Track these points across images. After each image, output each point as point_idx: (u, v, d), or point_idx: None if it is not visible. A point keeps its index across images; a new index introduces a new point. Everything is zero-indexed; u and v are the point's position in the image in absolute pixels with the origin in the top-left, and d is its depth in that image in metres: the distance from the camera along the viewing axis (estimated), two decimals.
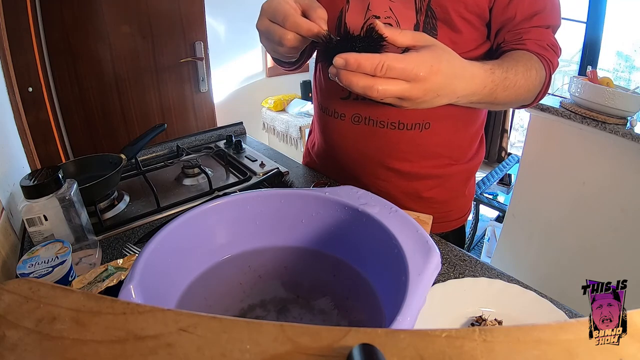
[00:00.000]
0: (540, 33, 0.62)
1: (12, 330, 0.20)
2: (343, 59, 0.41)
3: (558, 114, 1.45)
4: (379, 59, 0.41)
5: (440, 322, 0.49)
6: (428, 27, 0.63)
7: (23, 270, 0.48)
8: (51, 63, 1.65)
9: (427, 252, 0.34)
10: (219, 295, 0.41)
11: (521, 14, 0.61)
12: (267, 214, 0.45)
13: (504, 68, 0.54)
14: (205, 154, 1.01)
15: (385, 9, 0.63)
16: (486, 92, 0.52)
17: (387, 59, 0.41)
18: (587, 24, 2.28)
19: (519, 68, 0.56)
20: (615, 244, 1.42)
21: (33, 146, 1.04)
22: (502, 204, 2.15)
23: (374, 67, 0.41)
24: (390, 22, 0.63)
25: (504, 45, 0.64)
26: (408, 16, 0.62)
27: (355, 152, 0.75)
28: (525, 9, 0.61)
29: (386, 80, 0.42)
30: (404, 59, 0.42)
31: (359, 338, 0.20)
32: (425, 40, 0.45)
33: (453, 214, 0.80)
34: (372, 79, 0.42)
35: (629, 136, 1.28)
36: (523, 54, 0.60)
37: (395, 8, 0.62)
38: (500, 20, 0.63)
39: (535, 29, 0.62)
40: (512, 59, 0.58)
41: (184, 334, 0.21)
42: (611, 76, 1.67)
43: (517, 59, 0.58)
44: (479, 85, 0.51)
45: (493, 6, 0.62)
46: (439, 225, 0.78)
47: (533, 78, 0.58)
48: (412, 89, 0.44)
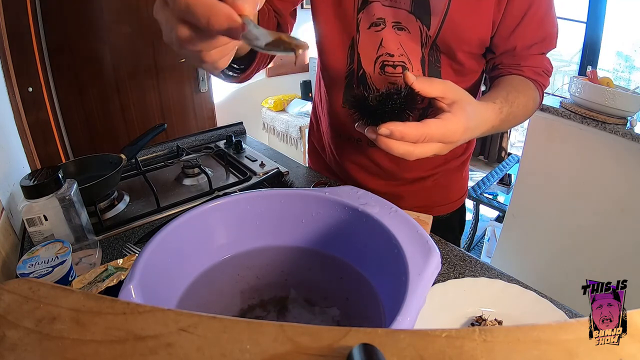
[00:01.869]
0: (537, 60, 0.65)
1: (12, 330, 0.20)
2: (389, 130, 0.43)
3: (558, 114, 1.45)
4: (422, 131, 0.43)
5: (440, 322, 0.49)
6: (432, 60, 0.65)
7: (23, 270, 0.48)
8: (51, 63, 1.64)
9: (427, 252, 0.34)
10: (219, 295, 0.41)
11: (522, 44, 0.63)
12: (267, 214, 0.45)
13: (509, 103, 0.56)
14: (205, 154, 1.01)
15: (397, 45, 0.65)
16: (493, 130, 0.56)
17: (429, 129, 0.43)
18: (587, 24, 2.28)
19: (521, 100, 0.59)
20: (615, 244, 1.42)
21: (33, 146, 1.04)
22: (502, 204, 2.15)
23: (417, 138, 0.43)
24: (403, 60, 0.65)
25: (502, 67, 0.66)
26: (415, 50, 0.65)
27: (369, 165, 0.79)
28: (527, 40, 0.63)
29: (423, 145, 0.45)
30: (444, 126, 0.44)
31: (359, 338, 0.20)
32: (453, 92, 0.47)
33: (452, 195, 0.84)
34: (412, 145, 0.44)
35: (629, 136, 1.28)
36: (522, 82, 0.63)
37: (404, 42, 0.64)
38: (501, 48, 0.65)
39: (534, 56, 0.64)
40: (514, 89, 0.60)
41: (184, 334, 0.21)
42: (611, 76, 1.67)
43: (519, 90, 0.61)
44: (490, 127, 0.54)
45: (495, 35, 0.63)
46: (442, 208, 0.83)
47: (530, 108, 0.63)
48: (444, 148, 0.47)
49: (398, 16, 0.63)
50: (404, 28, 0.63)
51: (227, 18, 0.28)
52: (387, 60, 0.65)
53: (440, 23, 0.61)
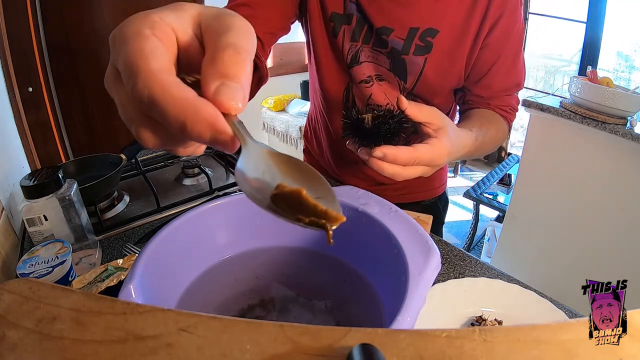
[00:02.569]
0: (505, 100, 0.70)
1: (12, 330, 0.20)
2: (382, 153, 0.45)
3: (558, 114, 1.45)
4: (413, 155, 0.46)
5: (440, 322, 0.49)
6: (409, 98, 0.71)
7: (23, 270, 0.48)
8: (51, 63, 1.65)
9: (427, 252, 0.34)
10: (219, 295, 0.41)
11: (488, 93, 0.69)
12: (267, 214, 0.44)
13: (482, 133, 0.61)
14: (205, 154, 1.01)
15: (383, 96, 0.71)
16: (467, 155, 0.60)
17: (419, 153, 0.46)
18: (587, 24, 2.28)
19: (492, 132, 0.65)
20: (615, 244, 1.42)
21: (33, 146, 1.04)
22: (502, 204, 2.15)
23: (408, 161, 0.46)
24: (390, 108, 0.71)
25: (472, 102, 0.71)
26: (393, 95, 0.71)
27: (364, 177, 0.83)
28: (494, 88, 0.69)
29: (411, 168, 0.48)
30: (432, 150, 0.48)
31: (359, 338, 0.20)
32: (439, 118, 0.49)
33: (435, 182, 0.89)
34: (402, 167, 0.47)
35: (629, 136, 1.28)
36: (494, 116, 0.69)
37: (387, 91, 0.71)
38: (470, 92, 0.71)
39: (502, 97, 0.70)
40: (487, 121, 0.66)
41: (184, 334, 0.21)
42: (611, 76, 1.67)
43: (491, 122, 0.67)
44: (466, 152, 0.58)
45: (465, 80, 0.69)
46: (426, 194, 0.88)
47: (499, 140, 0.69)
48: (428, 171, 0.50)
49: (379, 70, 0.70)
50: (385, 79, 0.71)
51: (210, 126, 0.19)
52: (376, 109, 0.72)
53: (415, 80, 0.68)
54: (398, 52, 0.66)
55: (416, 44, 0.64)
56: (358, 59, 0.69)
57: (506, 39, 0.64)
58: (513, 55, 0.66)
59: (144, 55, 0.20)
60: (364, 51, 0.68)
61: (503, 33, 0.63)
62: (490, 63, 0.66)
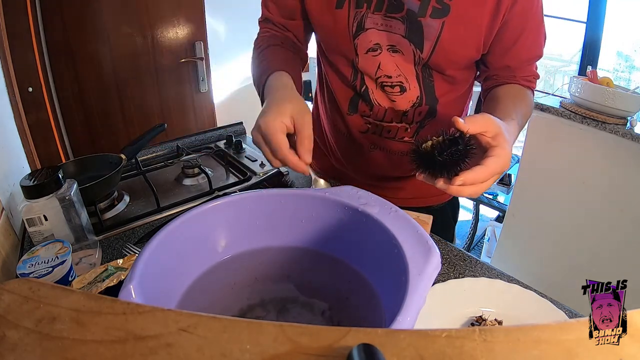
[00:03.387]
0: (529, 69, 0.69)
1: (12, 330, 0.20)
2: (462, 180, 0.47)
3: (558, 114, 1.45)
4: (488, 172, 0.47)
5: (440, 322, 0.49)
6: (425, 75, 0.69)
7: (23, 270, 0.48)
8: (51, 63, 1.64)
9: (427, 252, 0.34)
10: (219, 295, 0.41)
11: (516, 62, 0.68)
12: (267, 214, 0.45)
13: (520, 116, 0.61)
14: (205, 154, 1.01)
15: (394, 67, 0.69)
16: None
17: (492, 169, 0.47)
18: (587, 24, 2.28)
19: (525, 110, 0.65)
20: (615, 244, 1.42)
21: (33, 146, 1.04)
22: (502, 204, 2.15)
23: (485, 179, 0.48)
24: (400, 80, 0.69)
25: (497, 78, 0.70)
26: (409, 69, 0.69)
27: (366, 168, 0.82)
28: (521, 58, 0.67)
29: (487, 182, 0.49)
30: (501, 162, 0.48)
31: (359, 338, 0.20)
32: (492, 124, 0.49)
33: None
34: (479, 186, 0.48)
35: (629, 136, 1.28)
36: (521, 92, 0.68)
37: (399, 63, 0.68)
38: (495, 66, 0.69)
39: (525, 67, 0.69)
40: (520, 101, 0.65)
41: (184, 334, 0.21)
42: (611, 76, 1.66)
43: (522, 100, 0.66)
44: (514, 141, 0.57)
45: (488, 54, 0.67)
46: (434, 198, 0.86)
47: (529, 114, 0.69)
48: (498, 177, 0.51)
49: (392, 40, 0.66)
50: (399, 51, 0.67)
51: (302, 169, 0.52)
52: (386, 82, 0.70)
53: (432, 47, 0.65)
54: (414, 14, 0.63)
55: (433, 6, 0.62)
56: (363, 25, 0.66)
57: (529, 10, 0.63)
58: (537, 26, 0.65)
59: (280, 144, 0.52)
60: (372, 18, 0.66)
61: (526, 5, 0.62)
62: (516, 37, 0.64)
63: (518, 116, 0.60)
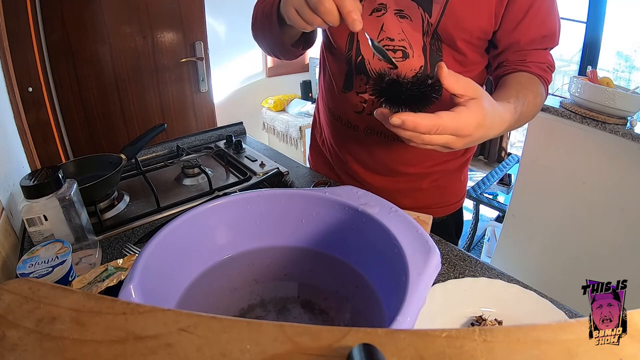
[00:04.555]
0: (541, 55, 0.65)
1: (12, 330, 0.20)
2: (401, 119, 0.43)
3: (558, 114, 1.45)
4: (434, 122, 0.43)
5: (440, 322, 0.49)
6: (434, 49, 0.66)
7: (23, 270, 0.48)
8: (51, 63, 1.64)
9: (427, 252, 0.34)
10: (219, 295, 0.41)
11: (526, 39, 0.64)
12: (267, 214, 0.45)
13: (521, 103, 0.57)
14: (205, 154, 1.01)
15: (399, 30, 0.65)
16: (507, 129, 0.55)
17: (441, 121, 0.43)
18: (587, 24, 2.28)
19: (530, 98, 0.59)
20: (615, 244, 1.42)
21: (33, 146, 1.04)
22: (502, 204, 2.15)
23: (429, 129, 0.43)
24: (404, 45, 0.66)
25: (507, 64, 0.66)
26: (416, 37, 0.65)
27: (365, 157, 0.79)
28: (531, 34, 0.64)
29: (435, 136, 0.44)
30: (457, 118, 0.44)
31: (359, 338, 0.20)
32: (473, 90, 0.46)
33: (451, 198, 0.84)
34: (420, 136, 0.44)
35: (629, 136, 1.28)
36: (530, 80, 0.63)
37: (405, 29, 0.65)
38: (505, 43, 0.65)
39: (537, 51, 0.65)
40: (523, 87, 0.61)
41: (184, 334, 0.21)
42: (611, 76, 1.67)
43: (527, 87, 0.61)
44: (506, 127, 0.54)
45: (498, 30, 0.64)
46: (439, 210, 0.83)
47: (538, 104, 0.63)
48: (456, 142, 0.46)
49: (400, 3, 0.64)
50: (406, 16, 0.64)
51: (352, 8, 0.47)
52: (388, 45, 0.66)
53: (441, 10, 0.62)
54: None
55: None
56: None
57: None
58: (549, 3, 0.63)
59: None
60: None
61: None
62: (525, 9, 0.62)
63: (518, 102, 0.56)
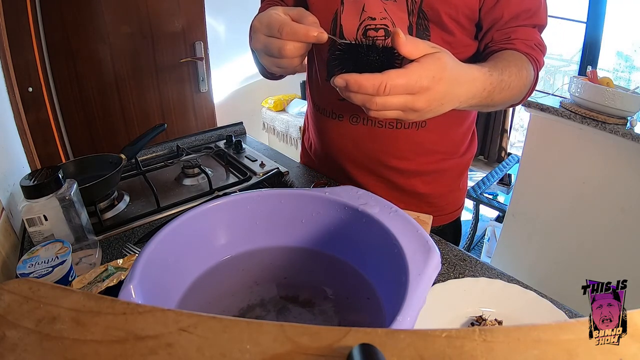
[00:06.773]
0: (527, 32, 0.63)
1: (12, 330, 0.20)
2: (344, 79, 0.41)
3: (558, 114, 1.45)
4: (379, 80, 0.41)
5: (440, 322, 0.49)
6: (421, 29, 0.64)
7: (23, 270, 0.48)
8: (51, 63, 1.64)
9: (427, 252, 0.34)
10: (219, 295, 0.41)
11: (509, 13, 0.62)
12: (267, 214, 0.45)
13: (499, 70, 0.54)
14: (205, 154, 1.01)
15: (380, 10, 0.63)
16: (485, 94, 0.52)
17: (388, 78, 0.41)
18: (587, 24, 2.28)
19: (512, 69, 0.57)
20: (615, 244, 1.42)
21: (33, 146, 1.04)
22: (502, 204, 2.15)
23: (376, 88, 0.41)
24: (386, 23, 0.64)
25: (492, 44, 0.65)
26: (401, 18, 0.63)
27: (353, 151, 0.76)
28: (512, 8, 0.62)
29: (390, 97, 0.42)
30: (406, 73, 0.41)
31: (359, 338, 0.20)
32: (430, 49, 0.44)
33: (448, 207, 0.82)
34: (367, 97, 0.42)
35: (629, 136, 1.28)
36: (513, 54, 0.61)
37: (389, 9, 0.63)
38: (488, 20, 0.64)
39: (523, 28, 0.63)
40: (504, 59, 0.59)
41: (184, 334, 0.21)
42: (611, 76, 1.67)
43: (509, 60, 0.59)
44: (479, 88, 0.51)
45: (482, 6, 0.63)
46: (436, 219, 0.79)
47: (524, 78, 0.59)
48: (415, 101, 0.43)
49: None
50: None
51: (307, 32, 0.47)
52: (370, 25, 0.64)
53: None
54: None
55: None
56: None
57: None
58: None
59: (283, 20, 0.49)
60: None
61: None
62: None
63: (496, 69, 0.53)
